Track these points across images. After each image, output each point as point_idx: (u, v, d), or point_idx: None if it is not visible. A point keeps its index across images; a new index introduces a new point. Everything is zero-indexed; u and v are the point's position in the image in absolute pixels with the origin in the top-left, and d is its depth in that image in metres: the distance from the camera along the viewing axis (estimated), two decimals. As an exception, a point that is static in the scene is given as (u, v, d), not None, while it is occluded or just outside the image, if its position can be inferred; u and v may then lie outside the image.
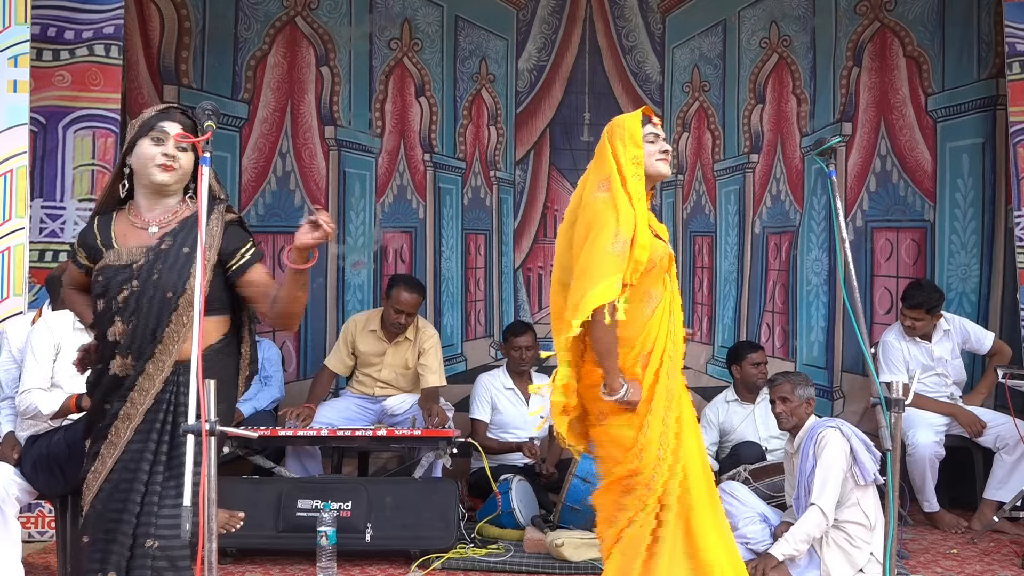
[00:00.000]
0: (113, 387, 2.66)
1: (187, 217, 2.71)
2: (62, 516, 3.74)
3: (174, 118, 2.70)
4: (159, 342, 2.63)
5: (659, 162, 3.05)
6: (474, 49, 6.12)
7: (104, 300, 2.68)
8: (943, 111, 5.84)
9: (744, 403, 5.22)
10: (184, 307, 2.62)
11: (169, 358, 2.64)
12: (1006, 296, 5.62)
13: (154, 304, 2.63)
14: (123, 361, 2.65)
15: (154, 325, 2.63)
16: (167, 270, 2.65)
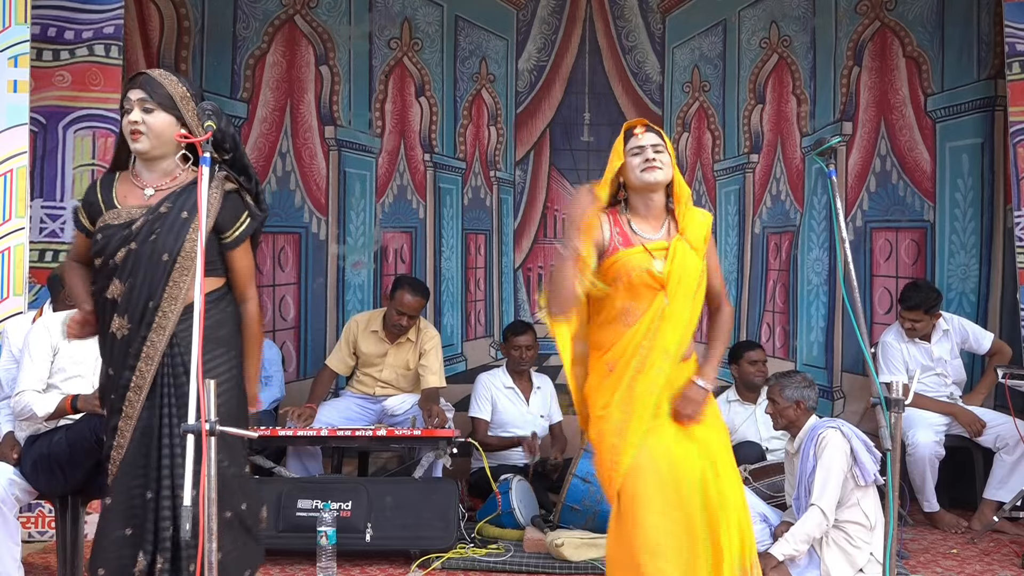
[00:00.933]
0: (116, 353, 2.70)
1: (188, 183, 2.75)
2: (62, 516, 3.74)
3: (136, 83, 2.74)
4: (158, 306, 2.67)
5: (643, 172, 3.02)
6: (474, 49, 6.12)
7: (102, 258, 2.71)
8: (942, 111, 5.84)
9: (745, 403, 5.22)
10: (179, 271, 2.67)
11: (168, 323, 2.68)
12: (1005, 296, 5.62)
13: (151, 266, 2.67)
14: (120, 322, 2.69)
15: (150, 287, 2.67)
16: (164, 232, 2.68)
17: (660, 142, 3.06)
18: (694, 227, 3.05)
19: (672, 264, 2.98)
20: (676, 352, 2.97)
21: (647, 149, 3.03)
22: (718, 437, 3.04)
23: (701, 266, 3.03)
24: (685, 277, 2.98)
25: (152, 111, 2.75)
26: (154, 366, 2.67)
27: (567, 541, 4.29)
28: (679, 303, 2.97)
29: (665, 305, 2.95)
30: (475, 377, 5.49)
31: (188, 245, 2.68)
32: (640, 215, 3.06)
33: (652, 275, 2.96)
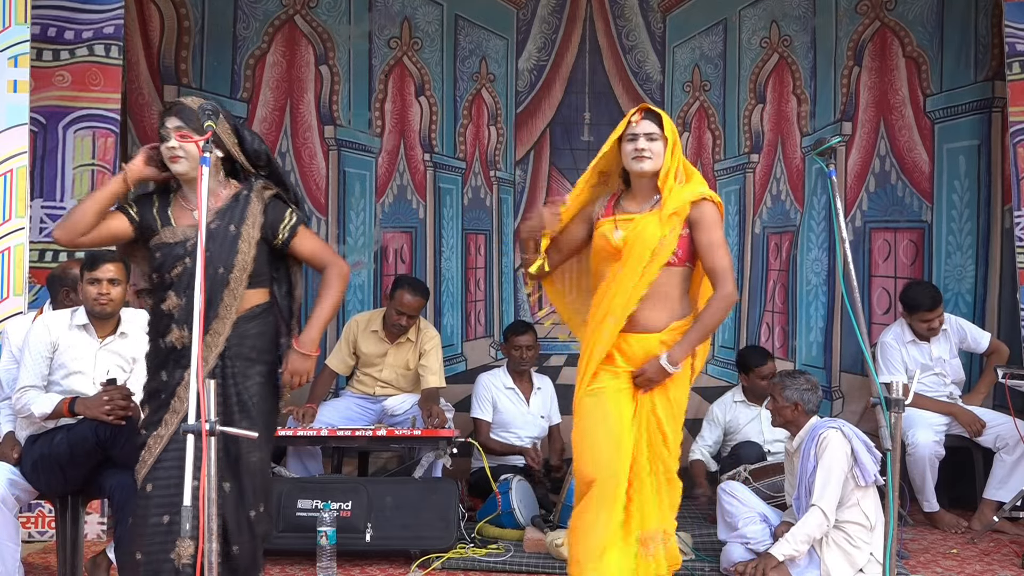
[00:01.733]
0: (171, 357, 2.93)
1: (230, 198, 3.03)
2: (62, 516, 3.74)
3: (172, 111, 2.92)
4: (215, 314, 2.92)
5: (633, 160, 3.22)
6: (474, 48, 6.12)
7: (159, 274, 2.97)
8: (941, 112, 5.84)
9: (751, 404, 5.21)
10: (235, 281, 2.95)
11: (224, 328, 2.94)
12: (1003, 296, 5.62)
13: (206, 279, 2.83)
14: (180, 332, 2.93)
15: (208, 298, 2.88)
16: (216, 248, 2.94)
17: (655, 130, 3.21)
18: (672, 202, 3.19)
19: (628, 233, 3.20)
20: (621, 314, 3.18)
21: (639, 138, 3.20)
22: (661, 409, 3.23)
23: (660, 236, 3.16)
24: (638, 246, 3.17)
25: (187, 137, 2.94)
26: (207, 369, 2.87)
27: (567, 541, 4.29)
28: (628, 269, 3.17)
29: (618, 272, 3.19)
30: (475, 377, 5.49)
31: (240, 258, 2.96)
32: (632, 192, 3.32)
33: (609, 242, 3.24)
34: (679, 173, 3.26)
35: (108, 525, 4.10)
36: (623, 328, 3.21)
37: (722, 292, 3.22)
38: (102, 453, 3.57)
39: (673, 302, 3.24)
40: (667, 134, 3.22)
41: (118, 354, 3.80)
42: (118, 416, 3.54)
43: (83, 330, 3.75)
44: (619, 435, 3.18)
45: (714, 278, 3.23)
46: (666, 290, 3.23)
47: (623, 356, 3.23)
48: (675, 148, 3.24)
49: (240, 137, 3.08)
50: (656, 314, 3.23)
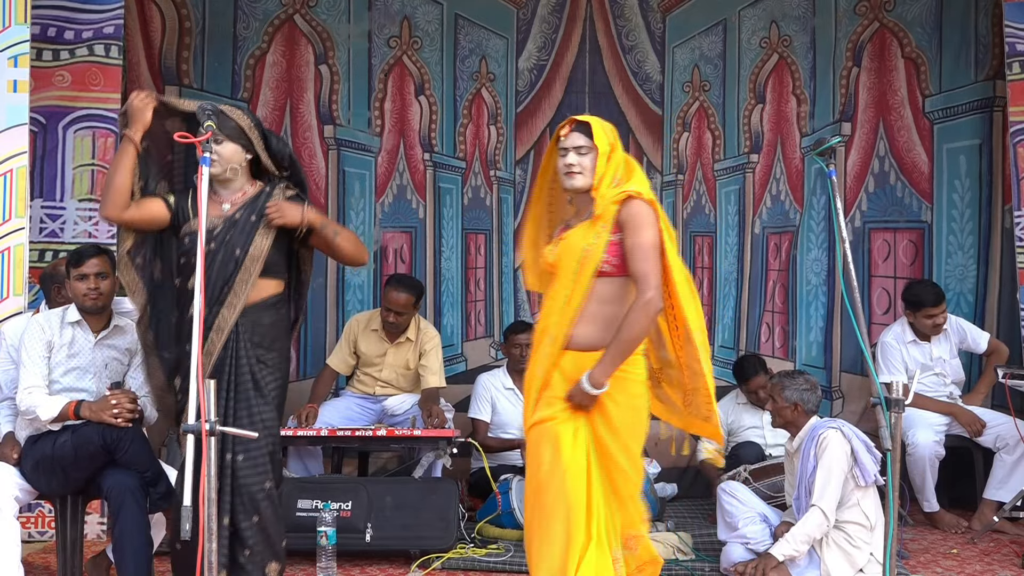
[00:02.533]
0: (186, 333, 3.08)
1: (255, 194, 3.35)
2: (62, 516, 3.74)
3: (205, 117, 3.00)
4: (230, 289, 3.24)
5: (564, 176, 3.08)
6: (474, 48, 6.11)
7: (187, 257, 3.26)
8: (940, 112, 5.84)
9: (754, 407, 5.20)
10: (250, 260, 3.26)
11: (239, 302, 3.25)
12: (1003, 297, 5.62)
13: (225, 261, 3.24)
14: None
15: (225, 277, 3.24)
16: (236, 233, 3.27)
17: (584, 143, 3.05)
18: (599, 206, 3.02)
19: (560, 247, 3.07)
20: (556, 333, 2.99)
21: (569, 153, 3.05)
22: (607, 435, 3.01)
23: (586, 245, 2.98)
24: (565, 258, 3.03)
25: (221, 142, 3.24)
26: (223, 336, 3.22)
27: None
28: (560, 284, 3.03)
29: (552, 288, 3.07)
30: (475, 377, 5.49)
31: (256, 244, 3.27)
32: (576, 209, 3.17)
33: (546, 261, 3.12)
34: (616, 176, 3.06)
35: (108, 525, 4.10)
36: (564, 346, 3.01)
37: (640, 300, 2.93)
38: (107, 456, 3.58)
39: (614, 321, 2.96)
40: (597, 143, 3.04)
41: (114, 347, 3.80)
42: (126, 419, 3.55)
43: (77, 326, 3.75)
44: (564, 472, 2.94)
45: (636, 284, 2.96)
46: (605, 304, 2.98)
47: (562, 377, 3.00)
48: (611, 155, 3.05)
49: (266, 139, 3.38)
50: (593, 330, 2.98)
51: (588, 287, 2.97)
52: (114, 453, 3.57)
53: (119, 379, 3.79)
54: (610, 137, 3.09)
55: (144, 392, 3.80)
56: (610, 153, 3.05)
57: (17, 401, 3.68)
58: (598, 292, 2.98)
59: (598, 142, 3.04)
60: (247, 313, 3.27)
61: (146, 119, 3.27)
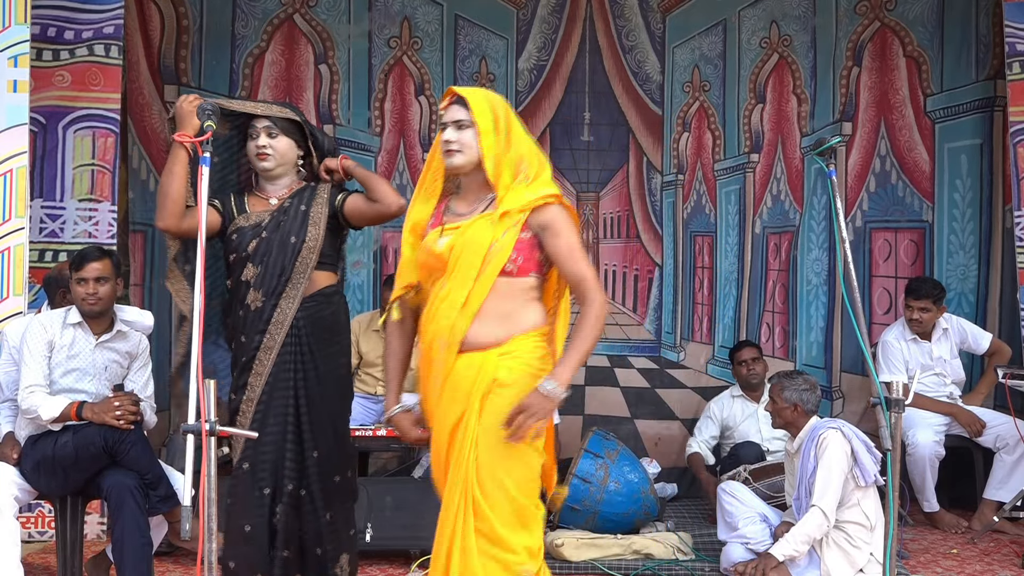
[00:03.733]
0: (249, 320, 3.16)
1: (301, 188, 3.29)
2: (62, 516, 3.74)
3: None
4: (288, 279, 3.16)
5: (444, 155, 2.70)
6: (474, 48, 6.11)
7: (237, 253, 3.21)
8: (941, 112, 5.84)
9: (748, 400, 5.25)
10: (307, 250, 3.18)
11: (297, 293, 3.17)
12: (1004, 296, 5.62)
13: (281, 249, 3.17)
14: (255, 295, 3.17)
15: (281, 265, 3.16)
16: (289, 221, 3.20)
17: (463, 116, 2.66)
18: (509, 201, 2.64)
19: (455, 241, 2.67)
20: (449, 337, 2.64)
21: (448, 127, 2.68)
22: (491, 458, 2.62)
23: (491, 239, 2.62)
24: (466, 253, 2.64)
25: (276, 136, 3.24)
26: (283, 330, 3.15)
27: (567, 541, 4.30)
28: (456, 282, 2.65)
29: (443, 286, 2.68)
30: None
31: (311, 232, 3.19)
32: (462, 194, 2.78)
33: (432, 253, 2.70)
34: (519, 166, 2.68)
35: (107, 525, 4.10)
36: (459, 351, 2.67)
37: (593, 305, 2.63)
38: (108, 457, 3.58)
39: (514, 316, 2.66)
40: (476, 119, 2.65)
41: (115, 350, 3.80)
42: (128, 421, 3.56)
43: (78, 328, 3.75)
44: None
45: (578, 289, 2.66)
46: (505, 305, 2.65)
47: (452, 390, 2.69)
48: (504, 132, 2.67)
49: (315, 138, 3.35)
50: (490, 329, 2.64)
51: (490, 287, 2.63)
52: (115, 455, 3.58)
53: (119, 382, 3.79)
54: (495, 110, 2.68)
55: (145, 395, 3.81)
56: (496, 130, 2.65)
57: (18, 400, 3.68)
58: (499, 293, 2.64)
59: (477, 116, 2.65)
60: (305, 306, 3.18)
61: (195, 123, 3.03)
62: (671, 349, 6.14)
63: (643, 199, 6.17)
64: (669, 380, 6.09)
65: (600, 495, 4.45)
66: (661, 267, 6.16)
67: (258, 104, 3.38)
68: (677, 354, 6.13)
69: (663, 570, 4.22)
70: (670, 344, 6.14)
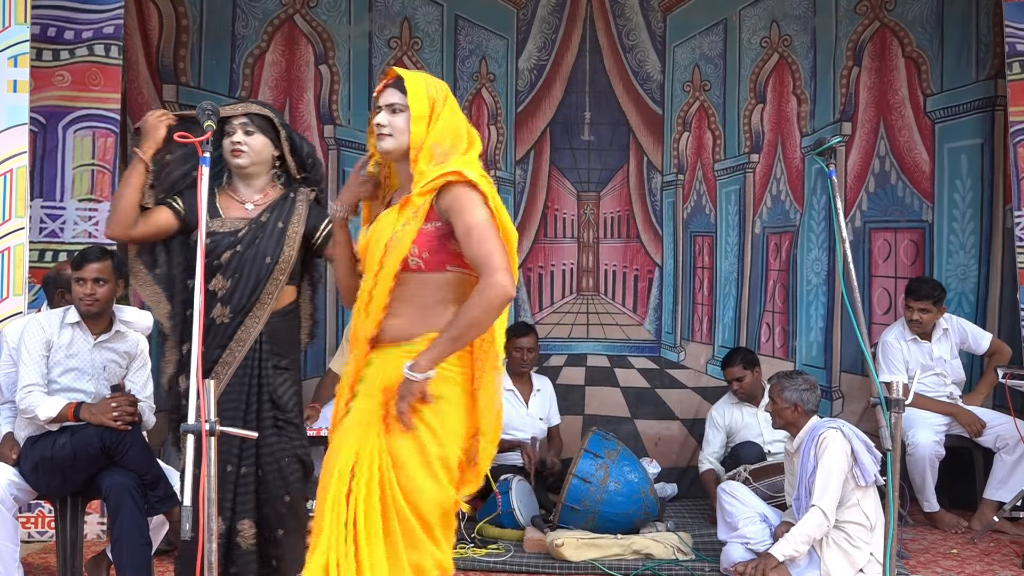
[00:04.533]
0: (210, 332, 3.13)
1: (278, 197, 3.27)
2: (62, 516, 3.74)
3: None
4: (257, 299, 3.16)
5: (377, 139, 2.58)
6: (474, 48, 6.11)
7: (208, 258, 3.14)
8: (941, 112, 5.84)
9: (744, 404, 5.22)
10: (279, 271, 3.19)
11: (264, 313, 3.18)
12: (1004, 296, 5.61)
13: (254, 266, 3.16)
14: (222, 310, 3.15)
15: (254, 284, 3.16)
16: (266, 239, 3.18)
17: (398, 100, 2.54)
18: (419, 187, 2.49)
19: (370, 234, 2.58)
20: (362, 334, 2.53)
21: (381, 111, 2.56)
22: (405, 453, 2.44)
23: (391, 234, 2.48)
24: (372, 249, 2.53)
25: (252, 134, 3.20)
26: (245, 348, 3.16)
27: (567, 541, 4.30)
28: (366, 278, 2.54)
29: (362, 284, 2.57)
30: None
31: (285, 252, 3.20)
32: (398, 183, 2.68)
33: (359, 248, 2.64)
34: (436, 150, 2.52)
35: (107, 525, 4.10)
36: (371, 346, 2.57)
37: (486, 288, 2.40)
38: (106, 458, 3.58)
39: (427, 311, 2.49)
40: (410, 103, 2.51)
41: (113, 350, 3.81)
42: (126, 422, 3.56)
43: (76, 328, 3.75)
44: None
45: (477, 269, 2.44)
46: (417, 300, 2.50)
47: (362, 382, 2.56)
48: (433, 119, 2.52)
49: (292, 140, 3.32)
50: (401, 323, 2.51)
51: (391, 283, 2.48)
52: (114, 456, 3.57)
53: (117, 382, 3.79)
54: (432, 97, 2.55)
55: (143, 396, 3.81)
56: (429, 117, 2.52)
57: (16, 399, 3.68)
58: (409, 288, 2.50)
59: (412, 101, 2.51)
60: (268, 323, 3.20)
61: (158, 136, 3.16)
62: (671, 349, 6.14)
63: (643, 199, 6.16)
64: (669, 380, 6.09)
65: (600, 495, 4.45)
66: (661, 267, 6.15)
67: (236, 104, 3.34)
68: (677, 354, 6.12)
69: (663, 570, 4.22)
70: (670, 344, 6.14)
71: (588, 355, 6.06)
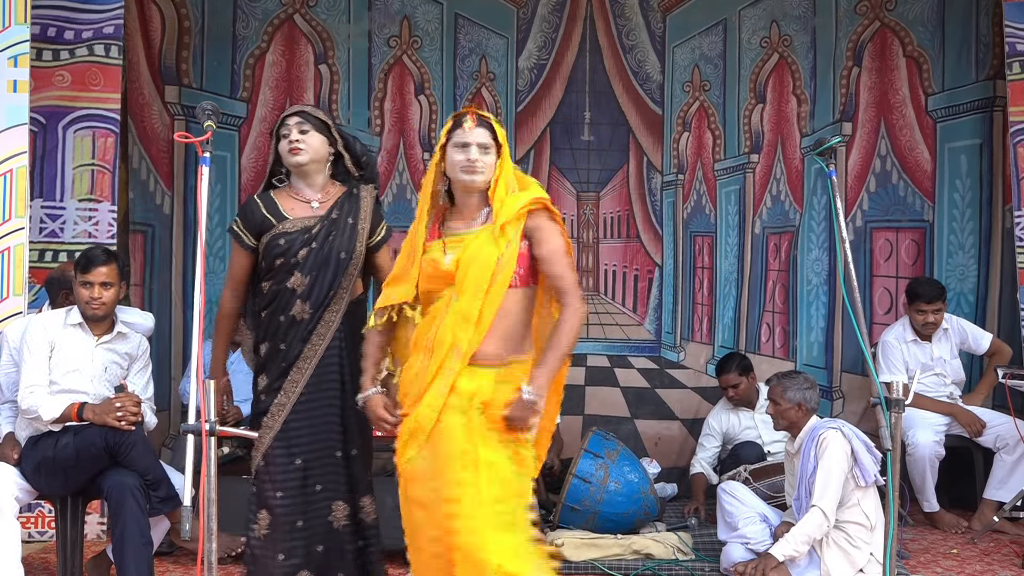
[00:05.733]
0: (291, 329, 3.24)
1: (343, 194, 3.36)
2: (62, 516, 3.74)
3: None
4: (335, 294, 3.26)
5: (461, 172, 2.84)
6: (474, 47, 6.11)
7: (284, 258, 3.25)
8: (942, 111, 5.84)
9: (744, 409, 5.21)
10: (353, 266, 3.29)
11: (341, 307, 3.27)
12: (1004, 296, 5.62)
13: (330, 262, 3.25)
14: (303, 306, 3.24)
15: (331, 279, 3.25)
16: (339, 235, 3.28)
17: (489, 140, 2.85)
18: (505, 213, 2.80)
19: (460, 256, 2.81)
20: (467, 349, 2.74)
21: (472, 147, 2.83)
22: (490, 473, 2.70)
23: (498, 256, 2.76)
24: (473, 269, 2.77)
25: (307, 132, 3.29)
26: (326, 341, 3.25)
27: (567, 541, 4.30)
28: (467, 298, 2.76)
29: (453, 299, 2.79)
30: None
31: (358, 247, 3.31)
32: (457, 208, 2.94)
33: (439, 268, 2.84)
34: (511, 183, 2.87)
35: (108, 525, 4.10)
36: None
37: (573, 308, 2.76)
38: (109, 458, 3.59)
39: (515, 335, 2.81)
40: (500, 142, 2.88)
41: (114, 351, 3.81)
42: (129, 422, 3.56)
43: (78, 328, 3.76)
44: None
45: (560, 291, 2.80)
46: (507, 319, 2.79)
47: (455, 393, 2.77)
48: (505, 156, 2.88)
49: (345, 140, 3.41)
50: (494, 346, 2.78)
51: (500, 301, 2.76)
52: (117, 456, 3.58)
53: (118, 383, 3.79)
54: (505, 138, 2.93)
55: (145, 396, 3.81)
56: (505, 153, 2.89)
57: (19, 400, 3.68)
58: (505, 305, 2.78)
59: (500, 140, 2.88)
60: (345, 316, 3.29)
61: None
62: (671, 349, 6.14)
63: (643, 199, 6.16)
64: (669, 380, 6.09)
65: (600, 495, 4.45)
66: (661, 267, 6.15)
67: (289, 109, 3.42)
68: (677, 354, 6.12)
69: (663, 570, 4.22)
70: (670, 344, 6.14)
71: (588, 355, 6.06)
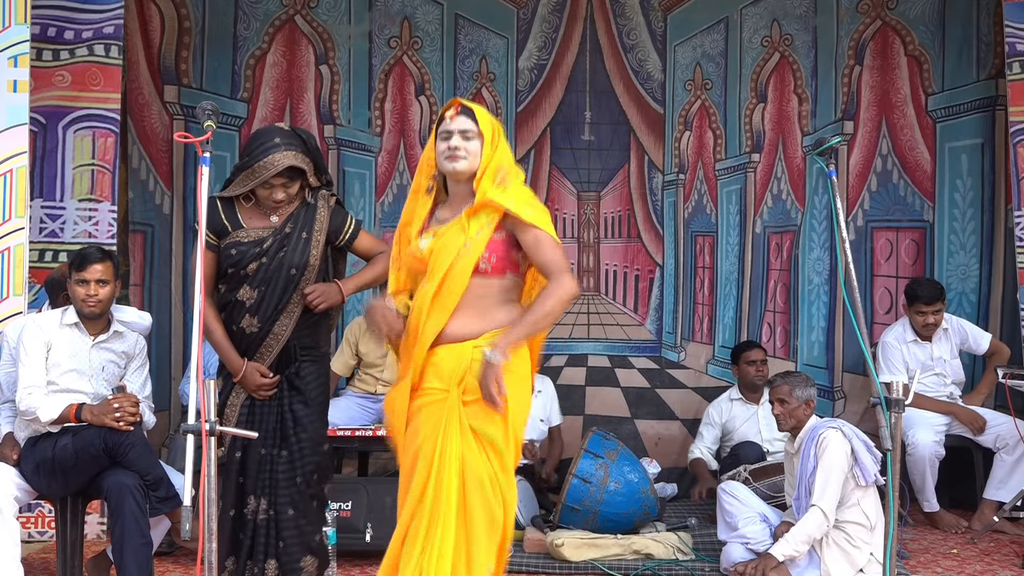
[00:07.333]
0: (243, 340, 3.28)
1: (298, 206, 3.34)
2: (62, 516, 3.74)
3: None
4: (283, 308, 3.27)
5: (446, 160, 2.84)
6: (474, 48, 6.11)
7: (235, 268, 3.27)
8: (943, 111, 5.84)
9: (748, 403, 5.24)
10: (304, 281, 3.28)
11: (291, 321, 3.29)
12: (1005, 296, 5.61)
13: (280, 277, 3.26)
14: (251, 320, 3.28)
15: (280, 293, 3.26)
16: (291, 250, 3.28)
17: (471, 127, 2.84)
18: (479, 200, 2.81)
19: (435, 241, 2.83)
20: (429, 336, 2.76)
21: (454, 135, 2.84)
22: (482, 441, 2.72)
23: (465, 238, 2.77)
24: (442, 253, 2.78)
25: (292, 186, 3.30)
26: (274, 352, 3.29)
27: (567, 541, 4.29)
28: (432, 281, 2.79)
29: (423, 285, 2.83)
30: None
31: (311, 260, 3.30)
32: (448, 199, 2.94)
33: (416, 256, 2.87)
34: (499, 173, 2.84)
35: (108, 525, 4.10)
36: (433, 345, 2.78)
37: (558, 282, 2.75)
38: (108, 459, 3.58)
39: (491, 313, 2.79)
40: (483, 130, 2.85)
41: (111, 351, 3.81)
42: (128, 423, 3.56)
43: (74, 328, 3.75)
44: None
45: (547, 273, 2.79)
46: (481, 302, 2.78)
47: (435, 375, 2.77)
48: (496, 146, 2.86)
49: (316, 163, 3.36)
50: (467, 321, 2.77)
51: (464, 284, 2.76)
52: (116, 456, 3.57)
53: (115, 382, 3.79)
54: (494, 126, 2.89)
55: (142, 396, 3.81)
56: (492, 141, 2.85)
57: (17, 401, 3.67)
58: (474, 291, 2.77)
59: (483, 128, 2.85)
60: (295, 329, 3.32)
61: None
62: (672, 349, 6.13)
63: (644, 199, 6.16)
64: (669, 380, 6.09)
65: (600, 495, 4.45)
66: (662, 267, 6.15)
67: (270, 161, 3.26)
68: (678, 354, 6.12)
69: (663, 570, 4.22)
70: (671, 344, 6.14)
71: (589, 355, 6.06)
